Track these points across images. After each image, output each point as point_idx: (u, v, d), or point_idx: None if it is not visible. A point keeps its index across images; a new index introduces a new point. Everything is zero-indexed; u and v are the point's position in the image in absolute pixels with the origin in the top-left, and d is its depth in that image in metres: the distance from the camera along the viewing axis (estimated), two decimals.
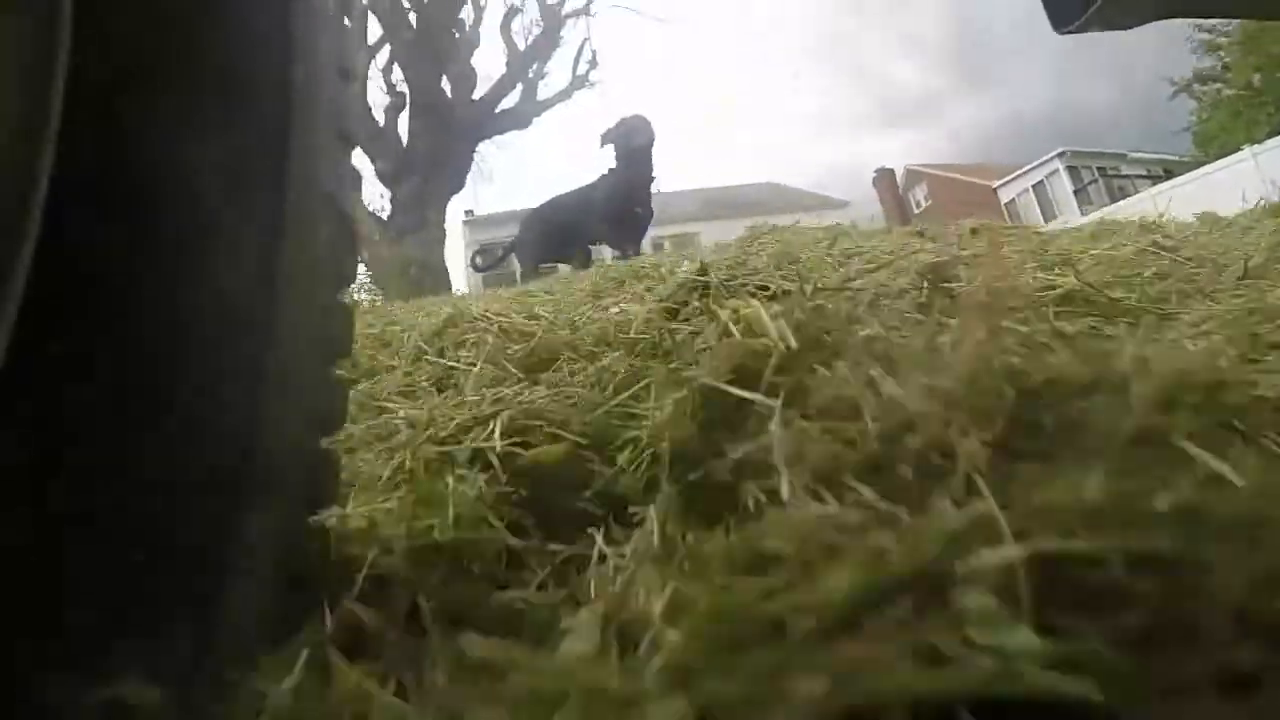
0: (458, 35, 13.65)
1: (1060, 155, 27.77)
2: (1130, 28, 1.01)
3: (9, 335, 0.41)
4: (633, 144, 5.73)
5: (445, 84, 13.41)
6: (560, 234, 6.29)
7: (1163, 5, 1.01)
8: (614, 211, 5.76)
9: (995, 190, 31.38)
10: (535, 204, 6.99)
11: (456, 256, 22.73)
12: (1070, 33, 0.99)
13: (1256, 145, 16.18)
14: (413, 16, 13.14)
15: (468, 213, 21.71)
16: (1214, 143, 23.22)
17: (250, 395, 0.49)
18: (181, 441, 0.47)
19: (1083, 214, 23.85)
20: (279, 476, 0.51)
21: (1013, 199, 30.36)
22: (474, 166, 14.53)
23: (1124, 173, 26.34)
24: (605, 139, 5.82)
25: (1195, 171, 17.93)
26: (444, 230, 12.85)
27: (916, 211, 38.09)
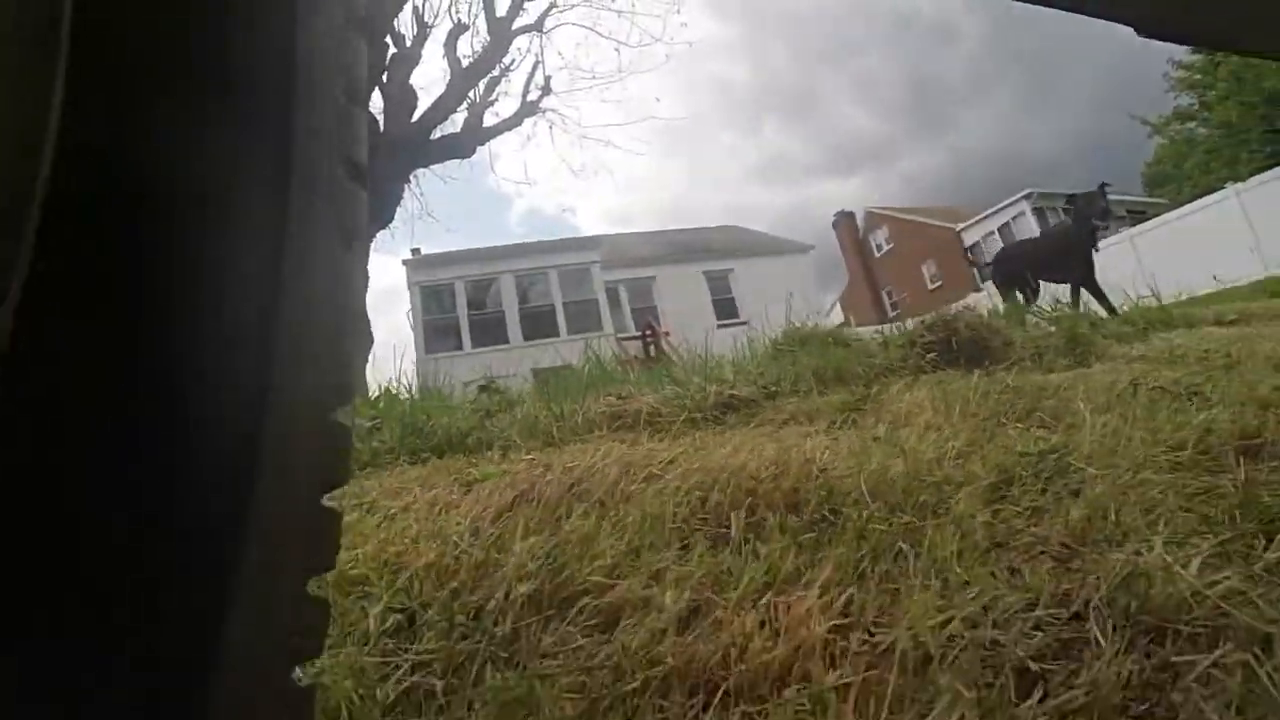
0: (393, 49, 12.21)
1: (1027, 196, 27.73)
2: None
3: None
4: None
5: (376, 102, 11.84)
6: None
7: None
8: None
9: (959, 233, 31.23)
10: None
11: (397, 301, 21.10)
12: None
13: (1239, 184, 15.99)
14: None
15: (413, 251, 19.90)
16: (1188, 183, 23.31)
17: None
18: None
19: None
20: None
21: (976, 242, 30.15)
22: (414, 201, 13.23)
23: None
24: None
25: (1173, 213, 17.77)
26: (366, 272, 11.17)
27: (877, 255, 37.98)
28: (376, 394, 3.46)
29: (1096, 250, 7.65)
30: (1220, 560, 0.88)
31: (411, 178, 12.78)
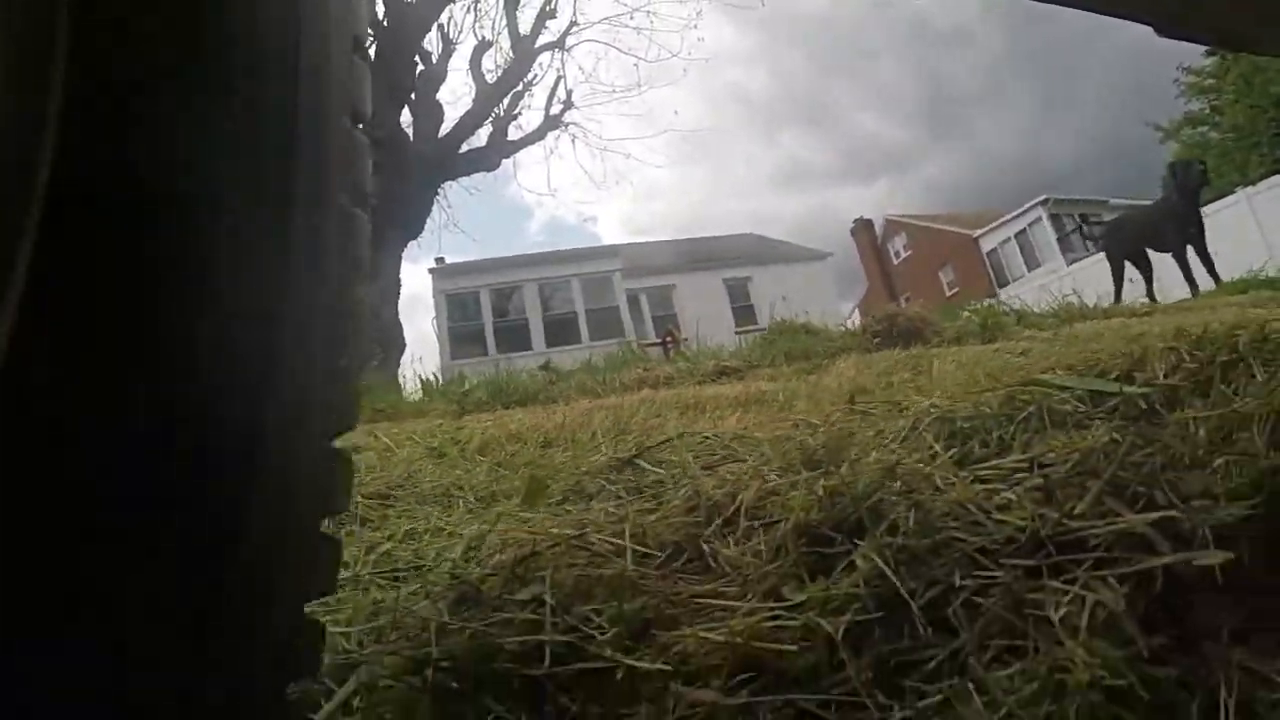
0: (421, 67, 13.16)
1: (1043, 203, 28.22)
2: None
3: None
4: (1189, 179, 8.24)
5: (406, 118, 12.87)
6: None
7: None
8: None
9: (976, 240, 31.81)
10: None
11: (423, 309, 22.07)
12: None
13: (1250, 187, 16.52)
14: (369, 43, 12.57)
15: (437, 260, 21.09)
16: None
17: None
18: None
19: (1066, 262, 24.24)
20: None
21: (994, 248, 30.71)
22: (440, 211, 14.05)
23: (1106, 219, 26.70)
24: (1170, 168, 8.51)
25: None
26: (399, 280, 12.16)
27: (895, 262, 38.63)
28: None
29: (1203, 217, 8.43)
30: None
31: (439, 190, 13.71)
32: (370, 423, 2.72)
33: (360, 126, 0.59)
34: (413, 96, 12.96)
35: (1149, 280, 9.11)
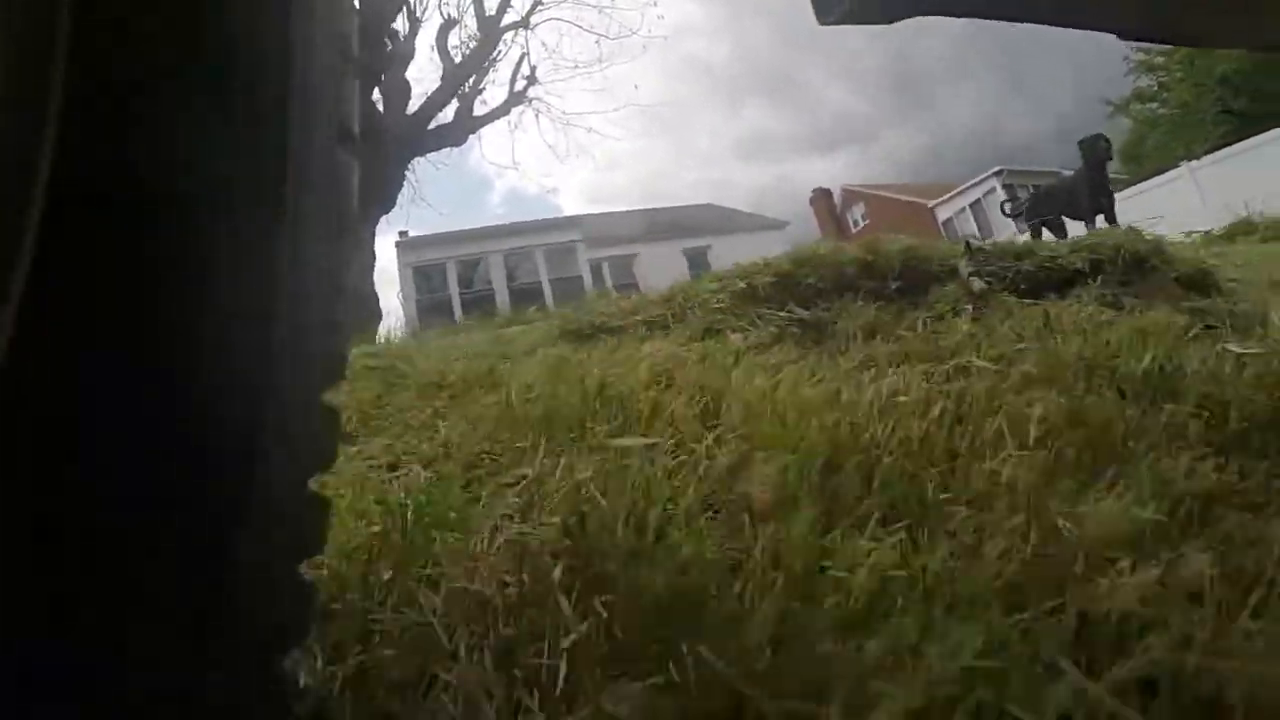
0: (390, 47, 13.54)
1: (997, 174, 28.84)
2: (891, 21, 1.06)
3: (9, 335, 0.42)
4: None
5: (377, 98, 13.29)
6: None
7: (921, 2, 1.05)
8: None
9: (932, 209, 32.47)
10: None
11: (386, 281, 22.56)
12: (832, 24, 1.03)
13: (1194, 162, 17.44)
14: None
15: (401, 234, 21.67)
16: (1149, 160, 24.52)
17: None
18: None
19: (1018, 231, 24.80)
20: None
21: (950, 218, 31.41)
22: (406, 185, 14.50)
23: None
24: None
25: (1133, 188, 19.00)
26: (374, 253, 12.72)
27: (854, 230, 39.22)
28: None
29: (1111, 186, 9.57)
30: None
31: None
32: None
33: (347, 145, 0.60)
34: (383, 77, 13.36)
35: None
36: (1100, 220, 9.13)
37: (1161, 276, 2.85)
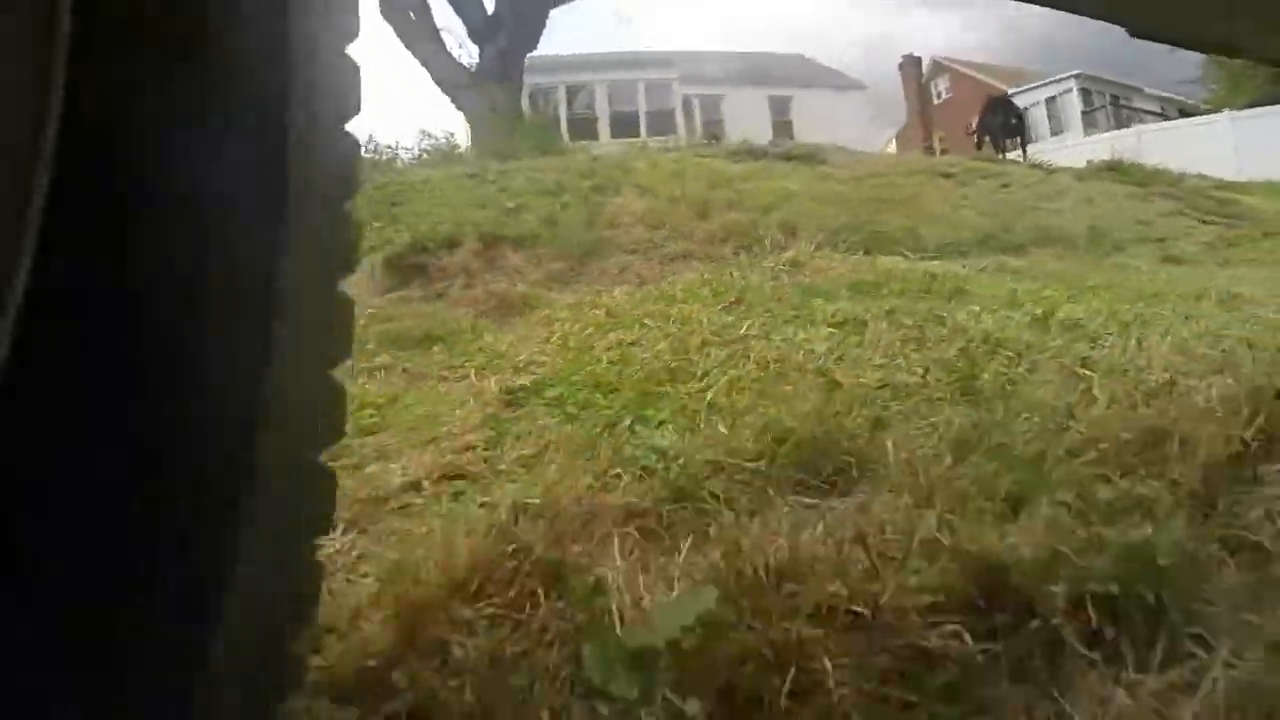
0: None
1: (1076, 76, 29.38)
2: None
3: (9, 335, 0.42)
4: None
5: None
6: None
7: None
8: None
9: (1010, 97, 32.94)
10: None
11: None
12: None
13: (1236, 111, 19.28)
14: None
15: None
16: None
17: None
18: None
19: (1086, 136, 25.71)
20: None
21: (1025, 108, 32.15)
22: None
23: (1135, 105, 28.60)
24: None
25: (1173, 122, 20.73)
26: (523, 83, 14.00)
27: (937, 102, 39.76)
28: None
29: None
30: None
31: None
32: None
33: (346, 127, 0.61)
34: None
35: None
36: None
37: None
